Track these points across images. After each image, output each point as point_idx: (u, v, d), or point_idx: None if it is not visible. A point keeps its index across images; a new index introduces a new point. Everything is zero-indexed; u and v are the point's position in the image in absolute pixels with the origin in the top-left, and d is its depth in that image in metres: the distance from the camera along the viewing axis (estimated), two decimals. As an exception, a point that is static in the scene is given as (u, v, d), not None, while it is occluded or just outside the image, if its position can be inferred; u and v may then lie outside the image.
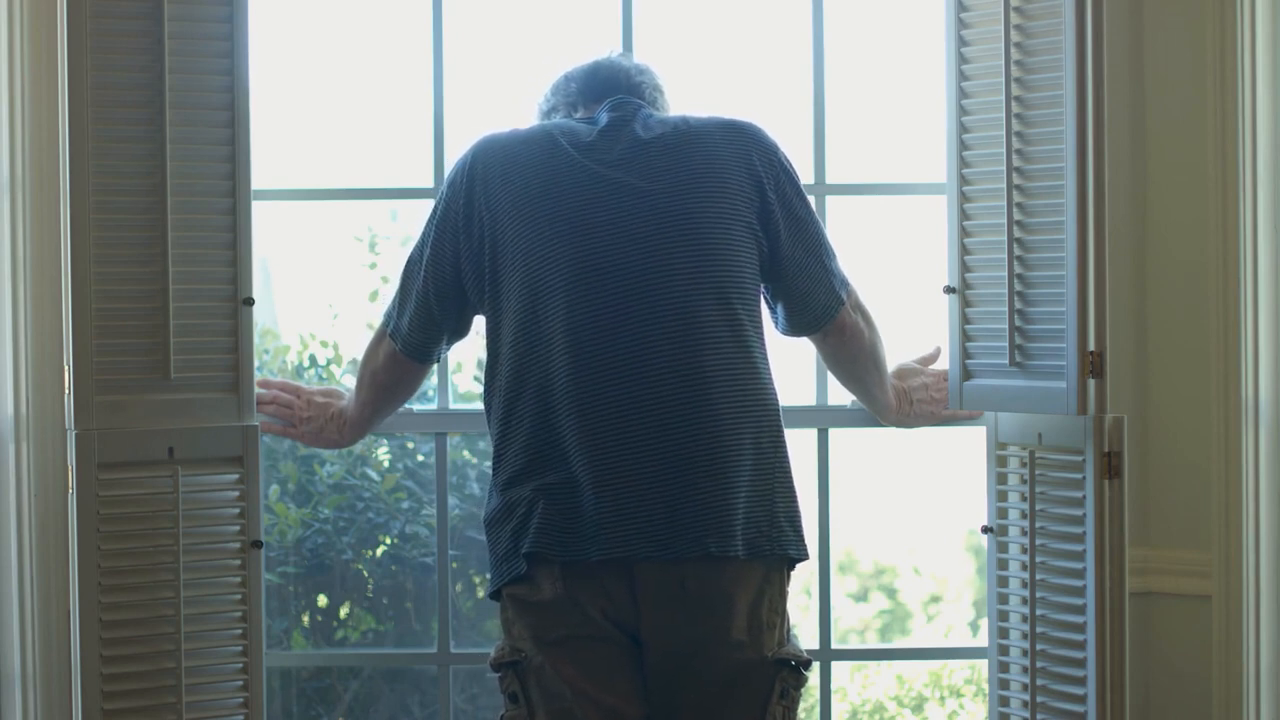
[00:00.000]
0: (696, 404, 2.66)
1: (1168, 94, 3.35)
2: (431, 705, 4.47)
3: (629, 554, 2.64)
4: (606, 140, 2.81)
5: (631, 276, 2.70)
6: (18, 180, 3.21)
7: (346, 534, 4.54)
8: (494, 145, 2.86)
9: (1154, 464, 3.36)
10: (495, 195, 2.81)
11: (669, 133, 2.81)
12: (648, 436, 2.65)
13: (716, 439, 2.66)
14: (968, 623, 6.90)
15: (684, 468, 2.65)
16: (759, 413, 2.72)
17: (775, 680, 2.70)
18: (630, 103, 2.88)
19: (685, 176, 2.76)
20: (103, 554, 3.03)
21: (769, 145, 2.86)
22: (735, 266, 2.74)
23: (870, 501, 6.93)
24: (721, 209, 2.75)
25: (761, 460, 2.70)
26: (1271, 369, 3.08)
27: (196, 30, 3.07)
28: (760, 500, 2.68)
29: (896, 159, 4.66)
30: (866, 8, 4.42)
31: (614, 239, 2.72)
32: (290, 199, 3.71)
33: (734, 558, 2.65)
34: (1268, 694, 3.10)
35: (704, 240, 2.72)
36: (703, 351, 2.68)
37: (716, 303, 2.71)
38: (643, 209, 2.73)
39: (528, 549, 2.67)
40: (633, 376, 2.67)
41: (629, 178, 2.76)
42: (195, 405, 3.09)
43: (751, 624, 2.69)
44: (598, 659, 2.69)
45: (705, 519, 2.64)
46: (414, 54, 3.54)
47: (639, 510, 2.64)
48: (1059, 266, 3.00)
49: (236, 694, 3.11)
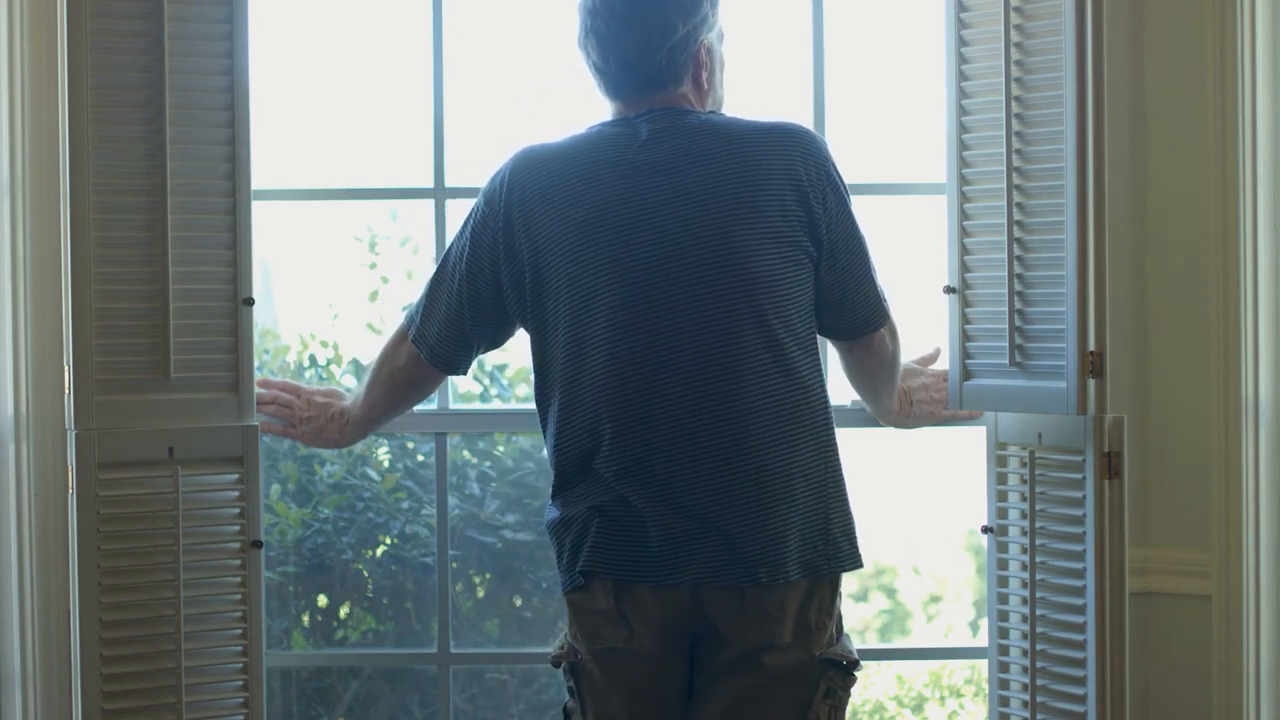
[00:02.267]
0: (741, 438, 2.65)
1: (1168, 94, 3.35)
2: (431, 705, 4.47)
3: (682, 581, 2.67)
4: (648, 155, 2.72)
5: (673, 311, 2.67)
6: (18, 180, 3.21)
7: (346, 534, 4.54)
8: (533, 160, 2.79)
9: (1154, 464, 3.36)
10: (535, 217, 2.75)
11: (712, 146, 2.71)
12: (696, 470, 2.65)
13: (762, 472, 2.65)
14: (968, 623, 6.90)
15: (734, 501, 2.65)
16: (806, 435, 2.70)
17: (821, 679, 2.70)
18: (669, 113, 2.76)
19: (728, 198, 2.68)
20: (103, 554, 3.03)
21: (818, 155, 2.76)
22: (779, 290, 2.69)
23: (870, 501, 6.92)
24: (766, 231, 2.68)
25: (812, 480, 2.69)
26: (1271, 369, 3.08)
27: (196, 30, 3.07)
28: (814, 520, 2.68)
29: (896, 159, 4.65)
30: (866, 8, 4.42)
31: (654, 269, 2.67)
32: (290, 199, 3.71)
33: (791, 581, 2.67)
34: (1268, 694, 3.10)
35: (746, 268, 2.67)
36: (744, 384, 2.66)
37: (758, 331, 2.67)
38: (684, 236, 2.67)
39: (583, 566, 2.71)
40: (677, 413, 2.66)
41: (671, 201, 2.69)
42: (195, 405, 3.09)
43: (799, 626, 2.69)
44: (641, 675, 2.72)
45: (757, 552, 2.65)
46: (414, 54, 3.54)
47: (693, 542, 2.66)
48: (1059, 266, 3.00)
49: (236, 694, 3.11)
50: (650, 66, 2.76)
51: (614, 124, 2.80)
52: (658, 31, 2.75)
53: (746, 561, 2.64)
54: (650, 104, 2.78)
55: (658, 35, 2.75)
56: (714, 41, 2.84)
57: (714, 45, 2.84)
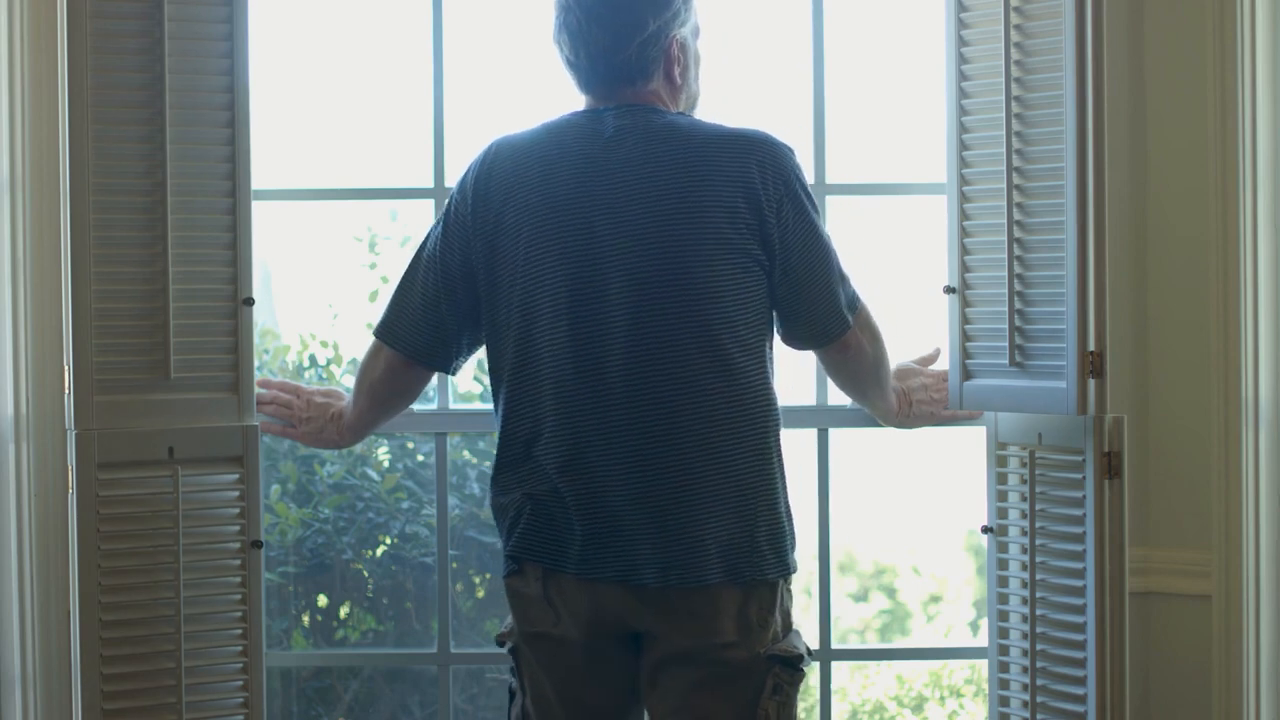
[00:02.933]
0: (669, 442, 2.68)
1: (1168, 94, 3.35)
2: (431, 705, 4.47)
3: (603, 577, 2.71)
4: (608, 154, 2.74)
5: (612, 311, 2.69)
6: (18, 180, 3.21)
7: (346, 534, 4.54)
8: (503, 151, 2.82)
9: (1154, 464, 3.36)
10: (499, 206, 2.78)
11: (670, 150, 2.73)
12: (624, 471, 2.69)
13: (687, 476, 2.68)
14: (968, 623, 6.90)
15: (656, 502, 2.68)
16: (741, 442, 2.70)
17: (767, 676, 2.71)
18: (637, 110, 2.79)
19: (676, 202, 2.70)
20: (103, 554, 3.03)
21: (778, 164, 2.76)
22: (722, 296, 2.70)
23: (870, 501, 6.93)
24: (712, 237, 2.69)
25: (742, 487, 2.70)
26: (1271, 369, 3.08)
27: (196, 30, 3.07)
28: (741, 526, 2.69)
29: (896, 159, 4.66)
30: (866, 8, 4.42)
31: (598, 267, 2.70)
32: (290, 199, 3.71)
33: (708, 585, 2.68)
34: (1268, 694, 3.10)
35: (687, 273, 2.68)
36: (677, 388, 2.68)
37: (696, 336, 2.69)
38: (628, 238, 2.70)
39: (511, 550, 2.78)
40: (613, 412, 2.69)
41: (621, 202, 2.71)
42: (195, 405, 3.09)
43: (740, 625, 2.71)
44: (569, 662, 2.77)
45: (674, 554, 2.68)
46: (414, 54, 3.54)
47: (615, 539, 2.70)
48: (1059, 266, 3.00)
49: (236, 694, 3.11)
50: (620, 61, 2.78)
51: (583, 115, 2.82)
52: (628, 27, 2.77)
53: (662, 563, 2.68)
54: (621, 99, 2.80)
55: (627, 30, 2.77)
56: (687, 37, 2.85)
57: (688, 41, 2.85)
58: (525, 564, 2.76)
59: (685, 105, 2.89)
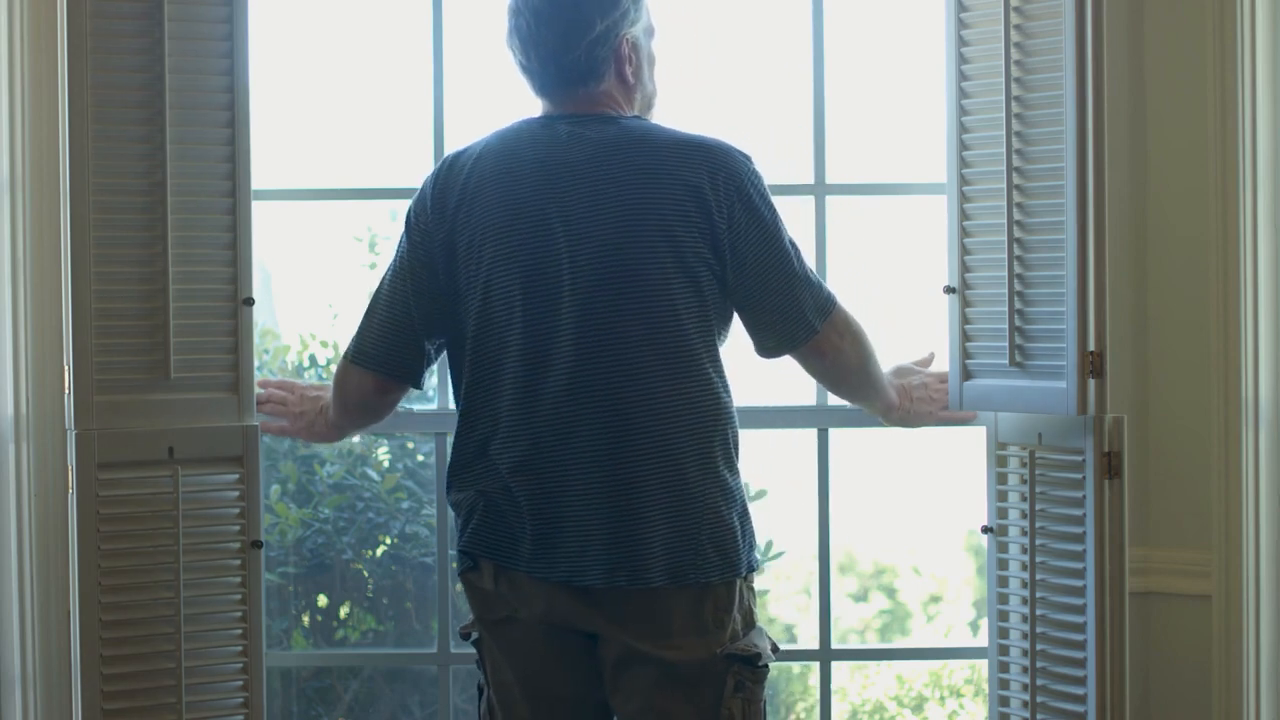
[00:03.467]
0: (617, 445, 2.68)
1: (1168, 94, 3.35)
2: (431, 705, 4.47)
3: (552, 577, 2.72)
4: (561, 158, 2.74)
5: (561, 315, 2.70)
6: (18, 180, 3.21)
7: (346, 534, 4.54)
8: (460, 161, 2.83)
9: (1154, 464, 3.36)
10: (458, 213, 2.79)
11: (621, 156, 2.72)
12: (573, 472, 2.70)
13: (631, 479, 2.68)
14: (968, 623, 6.90)
15: (600, 505, 2.69)
16: (687, 446, 2.70)
17: (727, 675, 2.71)
18: (592, 119, 2.79)
19: (625, 208, 2.70)
20: (103, 554, 3.03)
21: (731, 170, 2.74)
22: (670, 302, 2.69)
23: (870, 501, 6.92)
24: (662, 242, 2.69)
25: (689, 491, 2.70)
26: (1271, 369, 3.08)
27: (196, 30, 3.07)
28: (683, 531, 2.69)
29: (896, 159, 4.66)
30: (866, 8, 4.42)
31: (548, 273, 2.70)
32: (290, 199, 3.71)
33: (655, 588, 2.68)
34: (1268, 694, 3.10)
35: (634, 278, 2.68)
36: (623, 393, 2.68)
37: (643, 341, 2.69)
38: (578, 244, 2.70)
39: (463, 546, 2.81)
40: (562, 413, 2.70)
41: (572, 207, 2.71)
42: (195, 405, 3.09)
43: (694, 626, 2.71)
44: (530, 645, 2.78)
45: (618, 556, 2.68)
46: (414, 54, 3.54)
47: (563, 541, 2.71)
48: (1059, 266, 3.00)
49: (236, 694, 3.11)
50: (570, 63, 2.78)
51: (537, 121, 2.83)
52: (575, 28, 2.77)
53: (608, 564, 2.69)
54: (576, 102, 2.81)
55: (575, 31, 2.77)
56: (639, 36, 2.84)
57: (640, 40, 2.85)
58: (480, 560, 2.79)
59: (641, 106, 2.88)
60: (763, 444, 5.23)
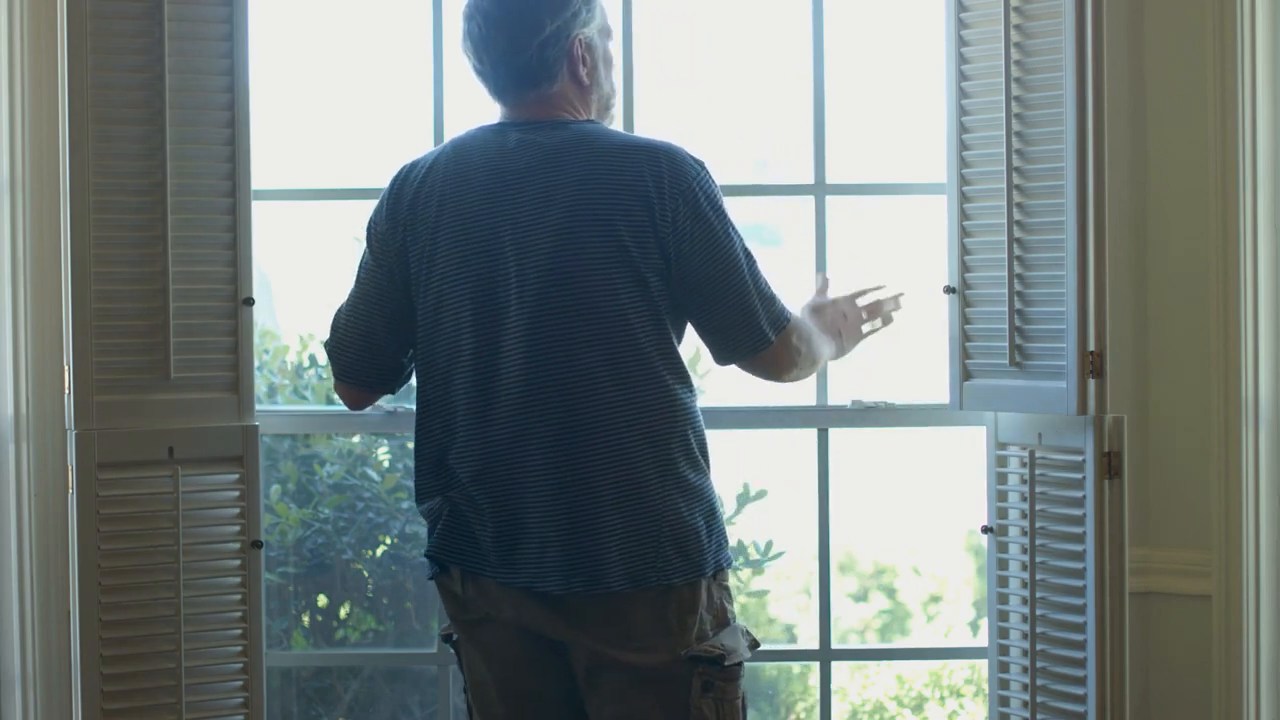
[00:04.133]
0: (569, 451, 2.68)
1: (1168, 94, 3.35)
2: (431, 705, 4.47)
3: (513, 582, 2.72)
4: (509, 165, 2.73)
5: (509, 323, 2.69)
6: (18, 180, 3.21)
7: (346, 534, 4.54)
8: (413, 173, 2.82)
9: (1154, 464, 3.36)
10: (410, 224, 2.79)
11: (567, 161, 2.71)
12: (529, 479, 2.70)
13: (587, 483, 2.68)
14: (968, 623, 6.90)
15: (556, 511, 2.68)
16: (642, 449, 2.68)
17: (693, 676, 2.70)
18: (542, 125, 2.78)
19: (569, 213, 2.68)
20: (103, 554, 3.03)
21: (677, 173, 2.70)
22: (622, 308, 2.67)
23: (870, 501, 6.92)
24: (606, 246, 2.67)
25: (645, 494, 2.68)
26: (1271, 369, 3.08)
27: (196, 30, 3.08)
28: (644, 532, 2.68)
29: (896, 159, 4.65)
30: (866, 8, 4.42)
31: (496, 281, 2.70)
32: (290, 199, 3.71)
33: (614, 591, 2.68)
34: (1268, 694, 3.10)
35: (581, 283, 2.67)
36: (573, 398, 2.67)
37: (591, 345, 2.67)
38: (524, 250, 2.69)
39: (429, 552, 2.81)
40: (515, 421, 2.69)
41: (518, 213, 2.71)
42: (195, 405, 3.09)
43: (657, 628, 2.70)
44: (508, 644, 2.78)
45: (576, 560, 2.68)
46: (414, 54, 3.54)
47: (522, 547, 2.71)
48: (1059, 266, 3.00)
49: (236, 694, 3.11)
50: (522, 64, 2.77)
51: (490, 129, 2.82)
52: (525, 29, 2.77)
53: (565, 569, 2.68)
54: (530, 106, 2.80)
55: (526, 33, 2.77)
56: (593, 37, 2.83)
57: (594, 41, 2.83)
58: (449, 566, 2.79)
59: (599, 108, 2.86)
60: (763, 444, 5.24)
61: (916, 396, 3.44)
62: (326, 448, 4.57)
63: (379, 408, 3.36)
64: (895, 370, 5.06)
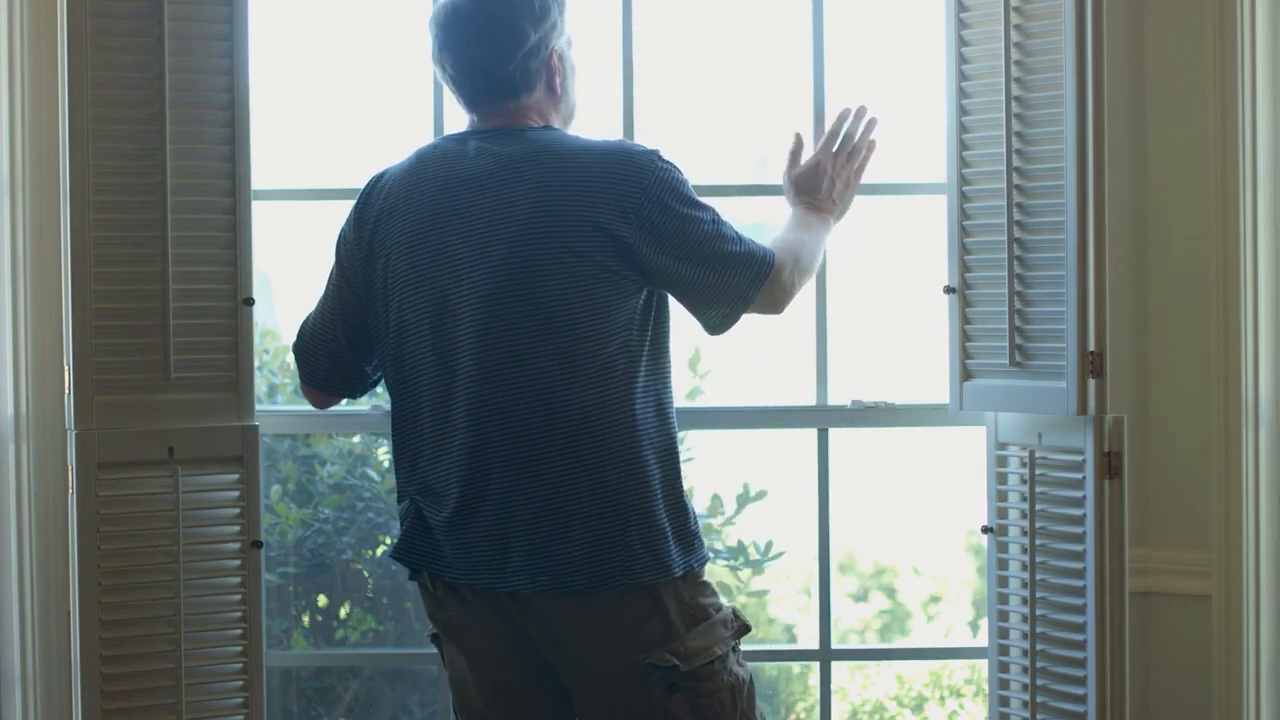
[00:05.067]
0: (529, 454, 2.68)
1: (1168, 94, 3.35)
2: (431, 705, 4.47)
3: (474, 582, 2.74)
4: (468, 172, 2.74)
5: (464, 327, 2.70)
6: (18, 180, 3.21)
7: (346, 534, 4.54)
8: (382, 183, 2.84)
9: (1154, 464, 3.36)
10: (377, 233, 2.80)
11: (527, 166, 2.71)
12: (488, 484, 2.70)
13: (550, 484, 2.68)
14: (967, 623, 6.90)
15: (519, 512, 2.69)
16: (605, 451, 2.68)
17: (649, 680, 2.69)
18: (503, 132, 2.78)
19: (526, 217, 2.68)
20: (103, 554, 3.03)
21: (634, 170, 2.70)
22: (577, 310, 2.67)
23: (870, 501, 6.92)
24: (565, 250, 2.67)
25: (610, 493, 2.68)
26: (1271, 369, 3.08)
27: (196, 30, 3.08)
28: (611, 532, 2.68)
29: (896, 159, 4.66)
30: (866, 8, 4.42)
31: (451, 287, 2.70)
32: (290, 199, 3.71)
33: (578, 590, 2.68)
34: (1268, 694, 3.10)
35: (541, 291, 2.67)
36: (529, 402, 2.67)
37: (547, 349, 2.68)
38: (480, 256, 2.69)
39: (391, 553, 2.84)
40: (476, 427, 2.70)
41: (475, 220, 2.71)
42: (195, 405, 3.09)
43: (617, 629, 2.70)
44: (484, 640, 2.79)
45: (537, 561, 2.68)
46: (414, 54, 3.54)
47: (482, 547, 2.72)
48: (1059, 266, 3.00)
49: (236, 694, 3.11)
50: (504, 75, 2.78)
51: (451, 139, 2.83)
52: (510, 40, 2.77)
53: (531, 569, 2.69)
54: (501, 116, 2.80)
55: (510, 44, 2.77)
56: (564, 48, 2.85)
57: (564, 51, 2.86)
58: (417, 570, 2.82)
59: (564, 116, 2.88)
60: (763, 444, 5.24)
61: (916, 396, 3.44)
62: (326, 448, 4.57)
63: (379, 408, 3.37)
64: (895, 370, 5.07)
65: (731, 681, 2.74)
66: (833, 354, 3.42)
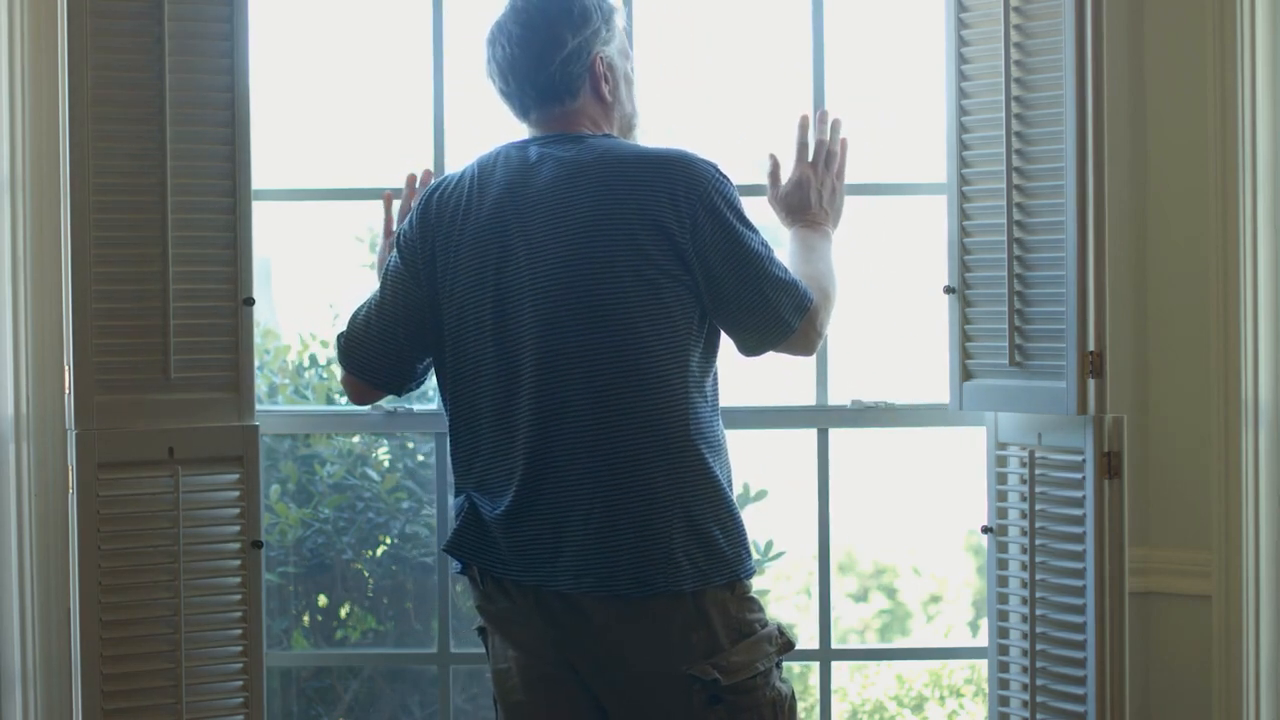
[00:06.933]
0: (578, 463, 2.71)
1: (1168, 94, 3.35)
2: (431, 705, 4.47)
3: (522, 580, 2.76)
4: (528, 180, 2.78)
5: (523, 333, 2.73)
6: (18, 180, 3.21)
7: (346, 534, 4.54)
8: (444, 186, 2.88)
9: (1154, 464, 3.36)
10: (439, 237, 2.83)
11: (585, 173, 2.75)
12: (545, 482, 2.73)
13: (597, 491, 2.71)
14: (967, 623, 6.90)
15: (573, 512, 2.72)
16: (655, 456, 2.70)
17: (690, 691, 2.70)
18: (562, 138, 2.83)
19: (593, 224, 2.72)
20: (103, 554, 3.03)
21: (692, 180, 2.74)
22: (634, 315, 2.70)
23: (870, 501, 6.92)
24: (627, 256, 2.70)
25: (658, 500, 2.70)
26: (1271, 369, 3.08)
27: (196, 30, 3.08)
28: (655, 539, 2.70)
29: (896, 159, 4.66)
30: (866, 8, 4.42)
31: (513, 292, 2.74)
32: (290, 199, 3.71)
33: (622, 594, 2.70)
34: (1268, 694, 3.10)
35: (600, 295, 2.70)
36: (590, 403, 2.70)
37: (609, 353, 2.70)
38: (546, 266, 2.72)
39: (445, 547, 2.89)
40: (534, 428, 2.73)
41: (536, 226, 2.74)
42: (195, 405, 3.09)
43: (660, 637, 2.71)
44: (529, 633, 2.80)
45: (584, 560, 2.71)
46: (414, 54, 3.54)
47: (532, 547, 2.75)
48: (1059, 266, 3.00)
49: (236, 694, 3.11)
50: (545, 80, 2.84)
51: (513, 146, 2.87)
52: (549, 46, 2.83)
53: (577, 571, 2.71)
54: (553, 122, 2.86)
55: (549, 50, 2.83)
56: (614, 56, 2.90)
57: (614, 60, 2.90)
58: (467, 564, 2.85)
59: (621, 126, 2.92)
60: (763, 444, 5.24)
61: (916, 396, 3.44)
62: (327, 448, 4.57)
63: (379, 408, 3.37)
64: (895, 370, 5.07)
65: (774, 697, 2.76)
66: (833, 354, 3.42)
